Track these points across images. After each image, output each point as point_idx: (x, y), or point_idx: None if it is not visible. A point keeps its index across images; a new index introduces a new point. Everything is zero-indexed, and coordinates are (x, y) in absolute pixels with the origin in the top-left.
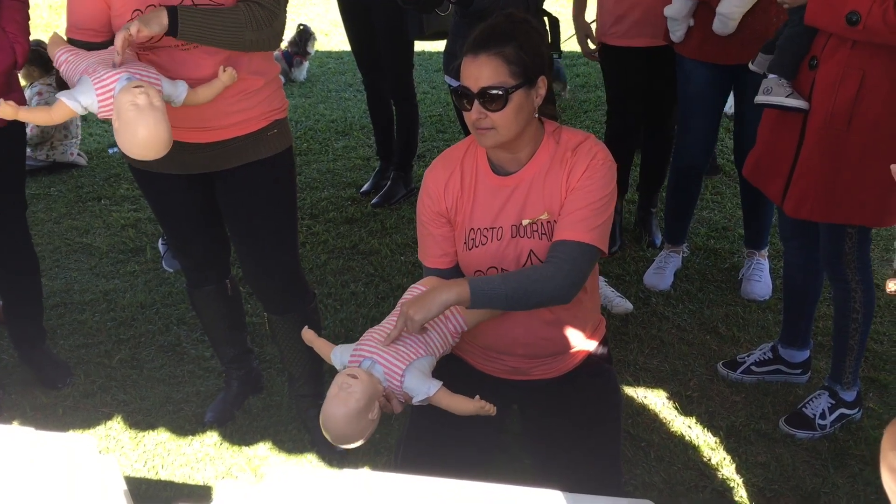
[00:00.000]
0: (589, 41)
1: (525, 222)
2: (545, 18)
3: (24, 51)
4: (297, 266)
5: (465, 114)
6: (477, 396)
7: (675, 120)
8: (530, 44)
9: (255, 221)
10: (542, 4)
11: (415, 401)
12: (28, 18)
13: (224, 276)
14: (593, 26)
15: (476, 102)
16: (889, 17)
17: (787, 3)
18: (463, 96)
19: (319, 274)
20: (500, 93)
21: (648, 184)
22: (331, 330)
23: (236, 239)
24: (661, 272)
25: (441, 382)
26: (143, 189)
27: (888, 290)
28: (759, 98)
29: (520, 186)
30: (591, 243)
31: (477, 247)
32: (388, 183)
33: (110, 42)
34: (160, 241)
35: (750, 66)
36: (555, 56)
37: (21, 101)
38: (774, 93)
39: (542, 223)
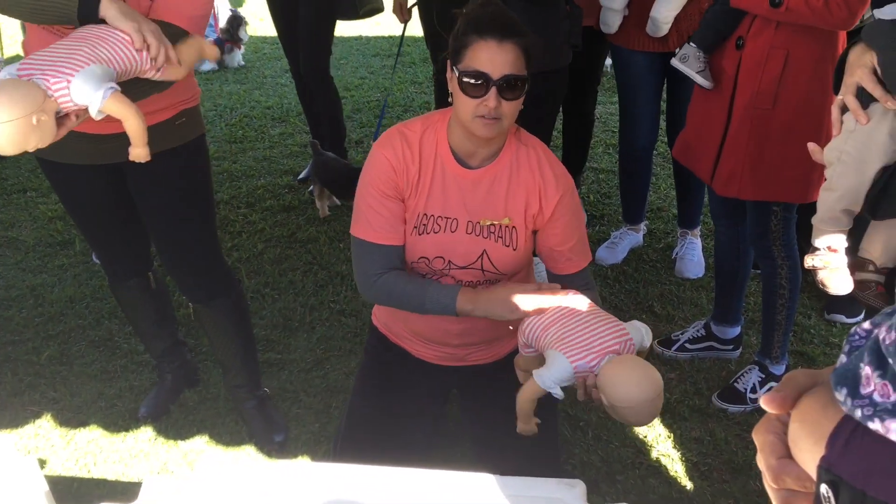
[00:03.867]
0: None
1: (485, 222)
2: (567, 6)
3: None
4: (218, 254)
5: (469, 101)
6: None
7: (594, 101)
8: (534, 41)
9: (168, 212)
10: None
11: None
12: None
13: (145, 269)
14: None
15: (494, 89)
16: None
17: None
18: (479, 81)
19: (257, 263)
20: (520, 83)
21: (571, 165)
22: (269, 319)
23: (151, 230)
24: (613, 247)
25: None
26: (52, 182)
27: (806, 265)
28: (674, 62)
29: (482, 183)
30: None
31: (428, 233)
32: None
33: None
34: None
35: (676, 52)
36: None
37: None
38: (689, 63)
39: (501, 227)
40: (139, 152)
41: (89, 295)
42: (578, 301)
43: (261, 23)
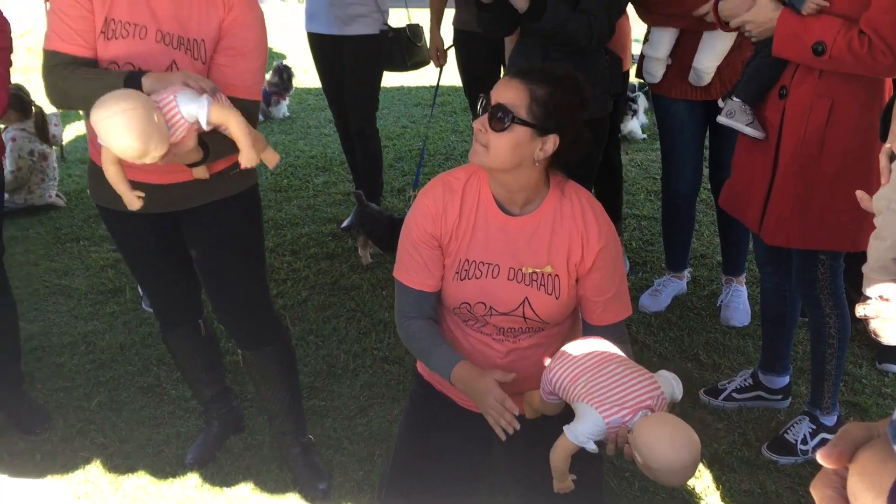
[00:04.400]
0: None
1: (527, 270)
2: (607, 56)
3: (3, 104)
4: (267, 301)
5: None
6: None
7: (618, 149)
8: (563, 100)
9: (220, 259)
10: (608, 40)
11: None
12: (10, 66)
13: (196, 316)
14: None
15: (486, 114)
16: (854, 46)
17: (755, 37)
18: (483, 106)
19: (301, 310)
20: (508, 117)
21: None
22: (312, 366)
23: (203, 277)
24: (657, 295)
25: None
26: (110, 230)
27: (857, 314)
28: (722, 119)
29: (524, 230)
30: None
31: (469, 279)
32: None
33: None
34: None
35: (719, 103)
36: (640, 92)
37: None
38: (737, 118)
39: (544, 275)
40: (248, 156)
41: (139, 342)
42: (605, 346)
43: (305, 75)
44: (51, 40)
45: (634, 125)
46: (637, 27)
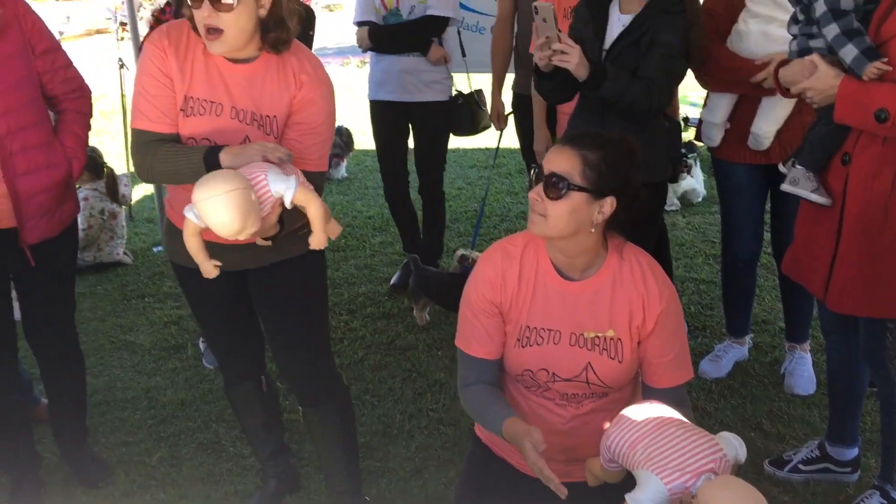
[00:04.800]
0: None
1: (589, 334)
2: (666, 122)
3: (80, 166)
4: (330, 359)
5: (531, 199)
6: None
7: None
8: (616, 161)
9: (286, 316)
10: (666, 105)
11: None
12: (89, 130)
13: (259, 372)
14: None
15: (541, 184)
16: None
17: (816, 103)
18: (537, 176)
19: (357, 370)
20: (563, 185)
21: None
22: (368, 426)
23: (269, 333)
24: (718, 361)
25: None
26: (181, 285)
27: None
28: (786, 187)
29: (584, 294)
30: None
31: (531, 346)
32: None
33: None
34: (201, 338)
35: (780, 167)
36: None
37: (75, 209)
38: (801, 185)
39: (606, 339)
40: (319, 238)
41: (199, 398)
42: (663, 410)
43: (364, 136)
44: (137, 119)
45: (693, 183)
46: (696, 91)
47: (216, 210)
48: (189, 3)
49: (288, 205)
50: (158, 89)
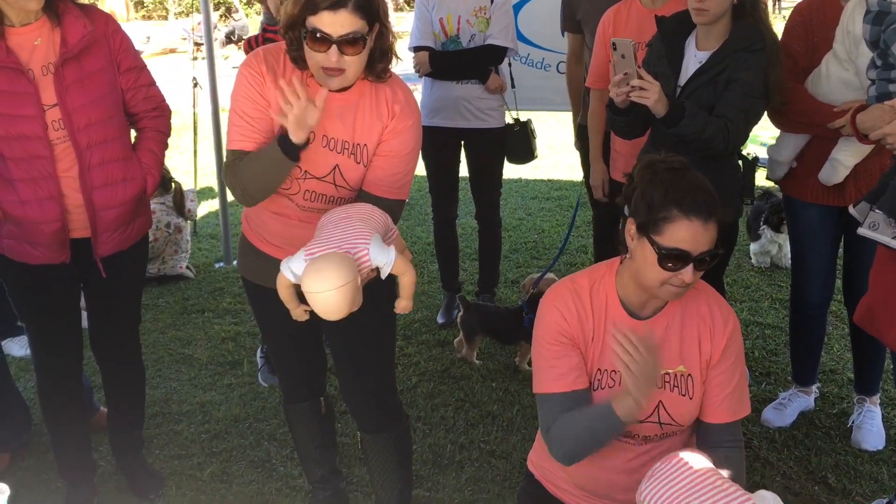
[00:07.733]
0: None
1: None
2: (739, 162)
3: (154, 182)
4: (393, 386)
5: (662, 273)
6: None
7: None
8: (723, 216)
9: (354, 339)
10: (743, 144)
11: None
12: (166, 148)
13: (320, 393)
14: None
15: (692, 266)
16: None
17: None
18: (679, 259)
19: (410, 396)
20: (714, 259)
21: None
22: (419, 454)
23: (336, 355)
24: (782, 409)
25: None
26: (252, 302)
27: None
28: (864, 231)
29: (654, 333)
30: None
31: (602, 388)
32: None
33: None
34: (258, 354)
35: (850, 209)
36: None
37: (147, 225)
38: (881, 230)
39: (677, 376)
40: (406, 305)
41: (252, 416)
42: (696, 461)
43: (422, 163)
44: (233, 141)
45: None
46: (768, 131)
47: (326, 303)
48: (314, 48)
49: (383, 276)
50: (255, 110)
